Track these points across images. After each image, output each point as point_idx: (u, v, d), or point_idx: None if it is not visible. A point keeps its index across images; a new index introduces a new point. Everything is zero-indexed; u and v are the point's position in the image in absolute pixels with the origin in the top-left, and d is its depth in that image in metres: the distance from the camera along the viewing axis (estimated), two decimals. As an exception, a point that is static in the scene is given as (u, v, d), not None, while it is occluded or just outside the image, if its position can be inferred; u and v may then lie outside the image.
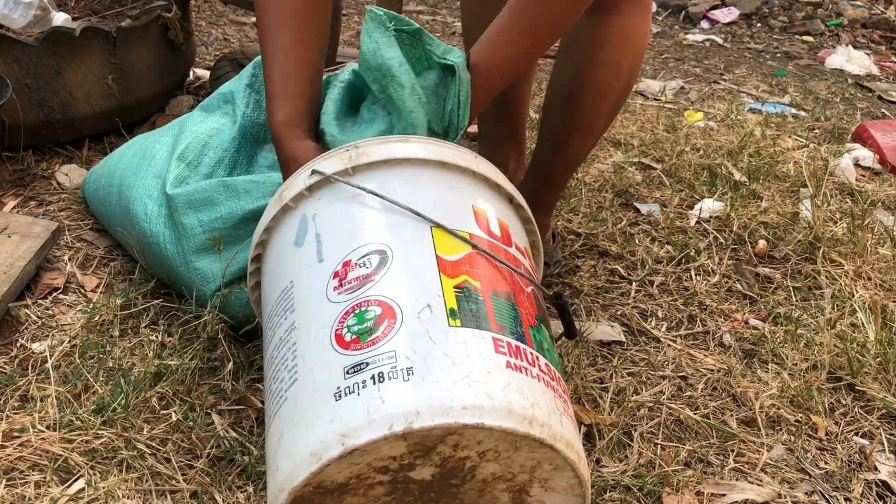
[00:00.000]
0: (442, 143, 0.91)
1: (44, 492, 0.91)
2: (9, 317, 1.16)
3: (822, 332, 1.27)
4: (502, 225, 0.88)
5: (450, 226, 0.83)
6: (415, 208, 0.83)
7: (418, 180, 0.87)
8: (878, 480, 1.05)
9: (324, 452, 0.69)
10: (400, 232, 0.82)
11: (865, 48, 3.19)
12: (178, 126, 1.29)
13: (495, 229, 0.87)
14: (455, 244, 0.82)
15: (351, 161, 0.87)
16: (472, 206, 0.87)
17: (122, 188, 1.26)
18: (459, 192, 0.88)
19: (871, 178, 1.91)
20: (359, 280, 0.79)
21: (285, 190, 0.91)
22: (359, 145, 0.89)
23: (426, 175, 0.88)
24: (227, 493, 0.92)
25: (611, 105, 1.22)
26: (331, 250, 0.83)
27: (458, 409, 0.68)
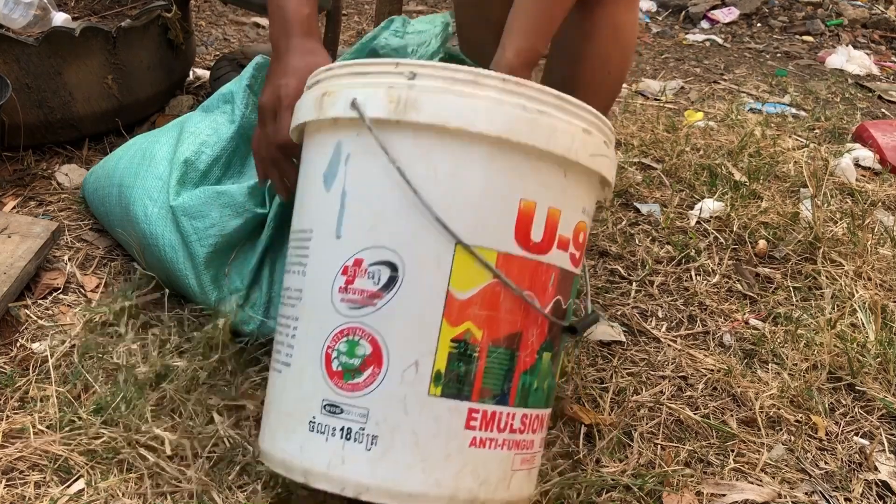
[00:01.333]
0: (519, 92, 0.77)
1: (44, 492, 0.91)
2: (9, 317, 1.16)
3: (822, 333, 1.27)
4: (550, 219, 0.80)
5: (479, 241, 0.76)
6: (446, 211, 0.75)
7: (469, 158, 0.76)
8: (879, 480, 1.05)
9: (290, 472, 0.81)
10: (420, 242, 0.76)
11: (865, 48, 3.19)
12: (178, 126, 1.29)
13: (537, 233, 0.79)
14: (475, 273, 0.76)
15: (398, 109, 0.76)
16: (519, 202, 0.78)
17: (122, 188, 1.26)
18: (512, 180, 0.77)
19: (871, 178, 1.91)
20: (363, 296, 0.77)
21: (326, 95, 0.81)
22: (415, 78, 0.77)
23: (479, 153, 0.76)
24: (227, 493, 0.92)
25: (603, 99, 1.21)
26: (350, 229, 0.79)
27: (404, 494, 0.75)
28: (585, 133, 0.79)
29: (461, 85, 0.76)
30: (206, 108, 1.29)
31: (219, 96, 1.29)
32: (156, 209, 1.18)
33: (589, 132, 0.80)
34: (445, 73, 0.76)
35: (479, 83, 0.76)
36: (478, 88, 0.76)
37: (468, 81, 0.76)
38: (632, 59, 1.25)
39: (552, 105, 0.78)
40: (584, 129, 0.79)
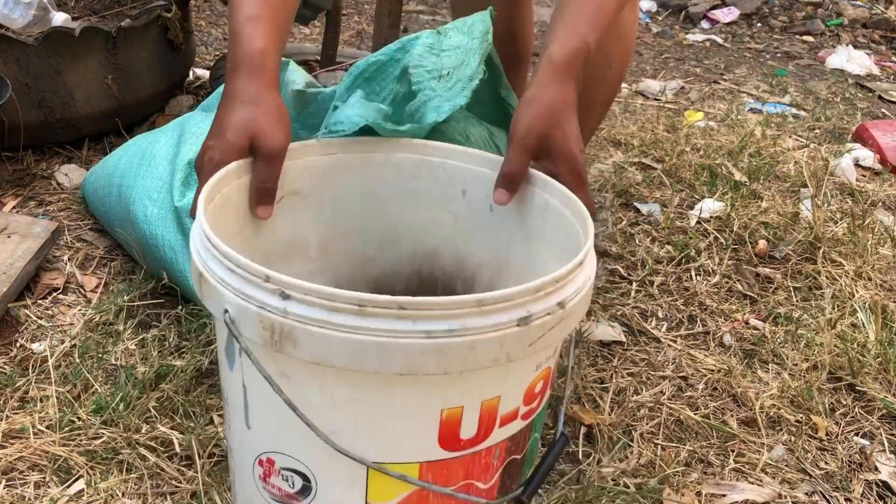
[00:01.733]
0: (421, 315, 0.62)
1: (43, 492, 0.91)
2: (9, 317, 1.16)
3: (822, 333, 1.27)
4: (486, 411, 0.69)
5: (395, 457, 0.68)
6: (350, 436, 0.66)
7: (368, 386, 0.65)
8: (879, 481, 1.05)
9: None
10: (329, 461, 0.68)
11: (866, 48, 3.18)
12: (178, 126, 1.29)
13: (468, 431, 0.69)
14: (395, 485, 0.69)
15: (273, 340, 0.63)
16: (441, 413, 0.67)
17: (122, 188, 1.26)
18: (427, 398, 0.67)
19: (871, 178, 1.91)
20: (282, 494, 0.72)
21: (203, 280, 0.68)
22: (288, 300, 0.62)
23: (380, 382, 0.65)
24: (228, 494, 0.92)
25: (604, 95, 1.20)
26: (257, 427, 0.71)
27: None
28: (522, 324, 0.64)
29: (344, 316, 0.61)
30: (207, 107, 1.29)
31: (219, 96, 1.28)
32: (155, 209, 1.18)
33: (529, 318, 0.64)
34: (324, 297, 0.61)
35: (365, 312, 0.61)
36: (365, 319, 0.61)
37: (353, 311, 0.61)
38: (632, 54, 1.24)
39: (470, 314, 0.62)
40: (520, 318, 0.64)
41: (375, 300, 0.61)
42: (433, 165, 0.92)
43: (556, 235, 0.84)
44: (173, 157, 1.22)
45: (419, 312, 0.61)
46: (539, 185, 0.86)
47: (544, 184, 0.85)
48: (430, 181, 0.93)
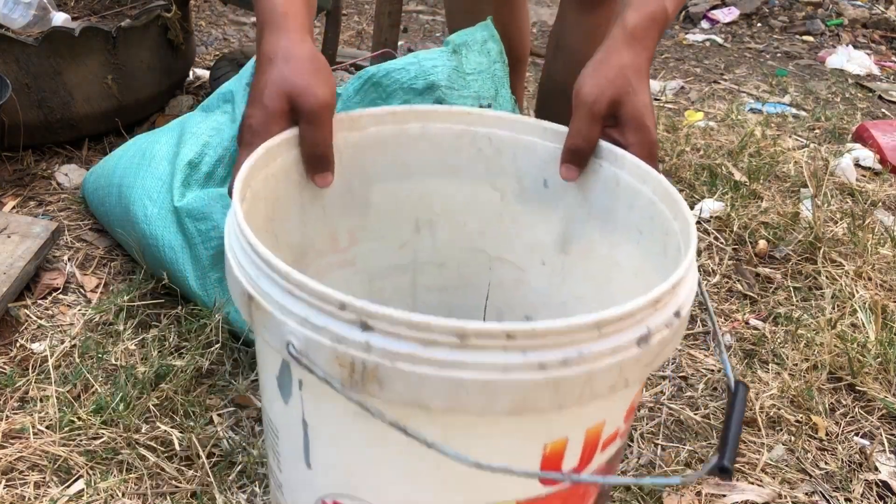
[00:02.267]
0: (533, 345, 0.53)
1: (43, 492, 0.91)
2: (8, 317, 1.16)
3: (822, 333, 1.27)
4: (590, 438, 0.62)
5: (492, 497, 0.60)
6: (442, 477, 0.58)
7: (465, 426, 0.57)
8: (879, 481, 1.05)
9: None
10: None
11: (866, 48, 3.18)
12: (178, 127, 1.29)
13: (570, 462, 0.62)
14: None
15: (354, 379, 0.54)
16: (544, 448, 0.60)
17: (122, 188, 1.26)
18: (531, 434, 0.59)
19: (871, 178, 1.91)
20: None
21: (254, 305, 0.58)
22: (371, 331, 0.52)
23: (480, 422, 0.56)
24: (227, 494, 0.92)
25: None
26: (321, 466, 0.63)
27: None
28: (641, 344, 0.56)
29: (442, 350, 0.51)
30: (207, 107, 1.29)
31: (219, 95, 1.28)
32: (155, 209, 1.18)
33: (648, 336, 0.56)
34: (416, 328, 0.51)
35: (467, 345, 0.51)
36: (466, 352, 0.51)
37: (452, 344, 0.51)
38: None
39: (588, 339, 0.54)
40: (639, 338, 0.56)
41: (479, 330, 0.51)
42: (477, 136, 0.82)
43: (629, 216, 0.75)
44: (173, 157, 1.22)
45: (530, 342, 0.52)
46: (607, 157, 0.76)
47: (614, 156, 0.75)
48: (474, 154, 0.82)
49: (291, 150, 0.74)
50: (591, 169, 0.78)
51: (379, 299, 0.88)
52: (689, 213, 0.67)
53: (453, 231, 0.87)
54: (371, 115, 0.80)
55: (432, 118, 0.82)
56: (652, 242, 0.70)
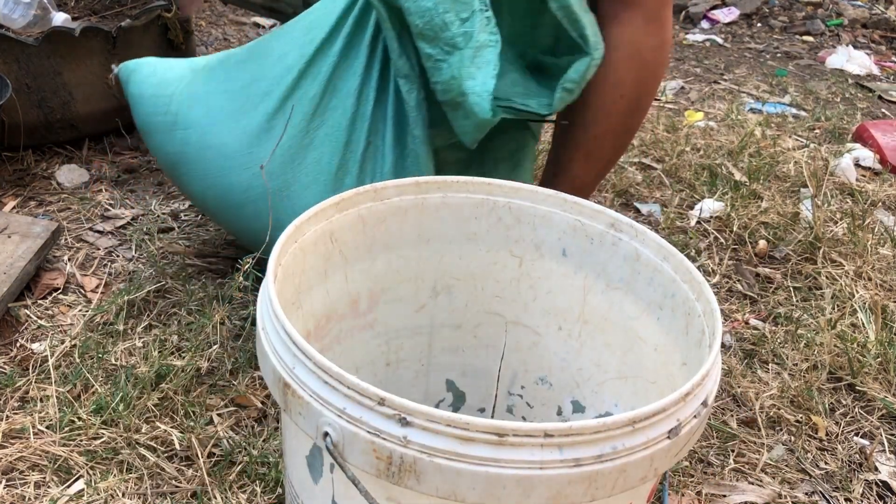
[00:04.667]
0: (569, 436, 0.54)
1: (43, 492, 0.91)
2: (9, 317, 1.16)
3: (822, 333, 1.27)
4: None
5: None
6: None
7: None
8: (879, 481, 1.05)
9: None
10: None
11: (866, 48, 3.18)
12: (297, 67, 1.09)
13: None
14: None
15: (390, 472, 0.55)
16: None
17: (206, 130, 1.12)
18: None
19: (871, 178, 1.91)
20: None
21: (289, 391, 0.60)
22: (409, 426, 0.54)
23: None
24: (227, 494, 0.92)
25: (616, 125, 1.10)
26: None
27: None
28: (672, 435, 0.57)
29: (479, 447, 0.53)
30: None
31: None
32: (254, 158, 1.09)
33: (678, 428, 0.58)
34: (455, 425, 0.53)
35: (504, 443, 0.53)
36: (504, 450, 0.53)
37: (490, 441, 0.53)
38: (656, 83, 1.10)
39: (622, 435, 0.55)
40: (670, 430, 0.58)
41: (518, 429, 0.53)
42: (496, 205, 0.85)
43: (648, 291, 0.78)
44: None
45: (567, 440, 0.54)
46: (627, 231, 0.79)
47: (634, 231, 0.78)
48: (493, 222, 0.86)
49: (320, 222, 0.77)
50: (611, 241, 0.80)
51: (395, 359, 0.90)
52: (712, 296, 0.68)
53: (470, 295, 0.90)
54: (395, 185, 0.83)
55: (453, 188, 0.85)
56: (673, 320, 0.72)
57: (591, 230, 0.82)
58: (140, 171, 1.63)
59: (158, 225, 1.43)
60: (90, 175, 1.57)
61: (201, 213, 1.50)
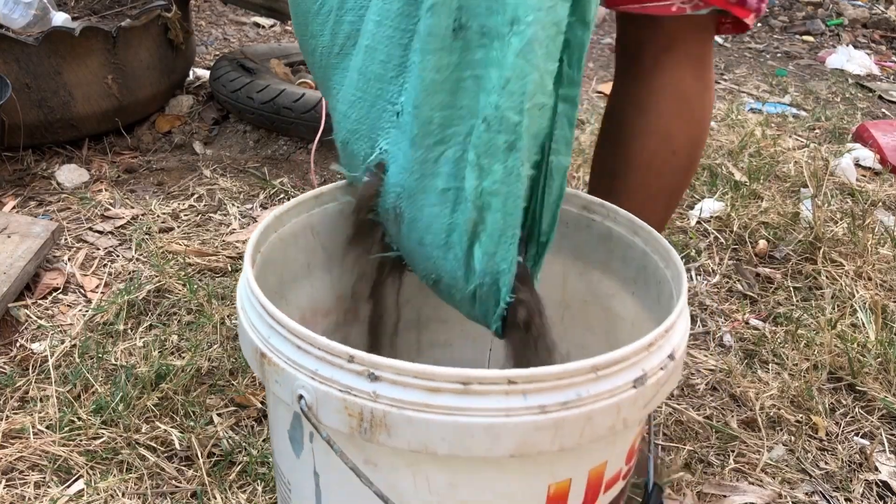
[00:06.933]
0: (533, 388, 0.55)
1: (43, 492, 0.91)
2: (9, 317, 1.16)
3: (822, 333, 1.27)
4: (593, 478, 0.63)
5: None
6: None
7: (471, 469, 0.59)
8: (879, 481, 1.05)
9: None
10: None
11: (866, 48, 3.18)
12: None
13: (575, 501, 0.63)
14: None
15: (362, 428, 0.56)
16: (548, 488, 0.61)
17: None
18: (534, 475, 0.60)
19: (871, 178, 1.91)
20: None
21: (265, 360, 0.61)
22: (377, 381, 0.55)
23: (485, 465, 0.58)
24: (227, 494, 0.92)
25: (668, 182, 0.96)
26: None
27: None
28: (637, 385, 0.58)
29: (446, 396, 0.54)
30: None
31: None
32: None
33: (644, 378, 0.59)
34: (421, 376, 0.54)
35: (470, 391, 0.54)
36: (470, 398, 0.54)
37: (456, 391, 0.54)
38: (706, 134, 0.99)
39: (585, 381, 0.56)
40: (635, 379, 0.58)
41: (482, 376, 0.54)
42: None
43: (622, 268, 0.78)
44: None
45: (531, 386, 0.55)
46: (598, 211, 0.78)
47: (605, 210, 0.77)
48: None
49: (300, 215, 0.77)
50: (585, 224, 0.80)
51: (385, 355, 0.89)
52: (679, 260, 0.69)
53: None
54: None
55: None
56: (646, 292, 0.72)
57: (566, 214, 0.81)
58: (140, 171, 1.63)
59: (158, 225, 1.43)
60: (90, 175, 1.57)
61: (200, 214, 1.50)
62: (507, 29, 0.61)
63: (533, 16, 0.60)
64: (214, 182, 1.61)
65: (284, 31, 2.76)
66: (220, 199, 1.54)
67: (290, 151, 1.74)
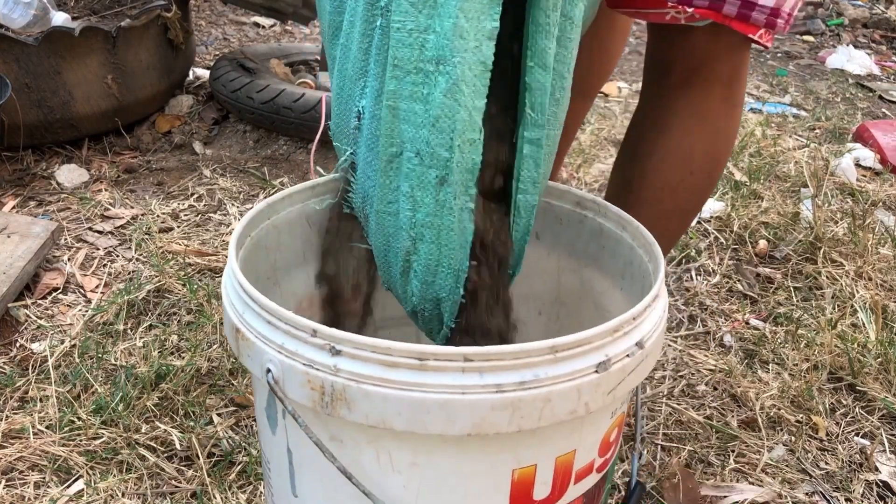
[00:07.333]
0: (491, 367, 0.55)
1: (43, 492, 0.91)
2: (8, 317, 1.16)
3: (822, 333, 1.27)
4: (561, 467, 0.63)
5: None
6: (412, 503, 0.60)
7: (432, 448, 0.58)
8: (879, 481, 1.05)
9: None
10: None
11: (866, 48, 3.18)
12: None
13: (542, 491, 0.63)
14: None
15: (324, 401, 0.57)
16: (512, 474, 0.61)
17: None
18: (498, 458, 0.60)
19: (871, 178, 1.91)
20: None
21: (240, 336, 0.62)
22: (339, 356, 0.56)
23: (445, 444, 0.58)
24: (227, 494, 0.92)
25: (684, 201, 0.95)
26: (307, 495, 0.65)
27: None
28: (600, 369, 0.58)
29: (403, 371, 0.54)
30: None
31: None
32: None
33: (608, 363, 0.58)
34: (379, 351, 0.55)
35: (426, 367, 0.54)
36: (426, 374, 0.54)
37: (412, 366, 0.54)
38: (728, 153, 0.96)
39: (544, 362, 0.56)
40: (598, 364, 0.58)
41: (437, 352, 0.54)
42: None
43: (612, 263, 0.78)
44: None
45: (487, 364, 0.54)
46: (591, 207, 0.79)
47: (597, 206, 0.78)
48: None
49: (295, 204, 0.78)
50: (577, 220, 0.81)
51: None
52: (659, 251, 0.69)
53: None
54: None
55: None
56: (632, 287, 0.72)
57: (559, 211, 0.82)
58: (140, 171, 1.63)
59: (158, 225, 1.43)
60: (90, 175, 1.57)
61: (200, 214, 1.50)
62: (434, 67, 0.62)
63: (459, 56, 0.61)
64: (214, 182, 1.61)
65: (284, 31, 2.76)
66: (220, 199, 1.54)
67: (290, 151, 1.74)
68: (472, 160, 0.64)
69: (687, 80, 0.90)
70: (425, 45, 0.62)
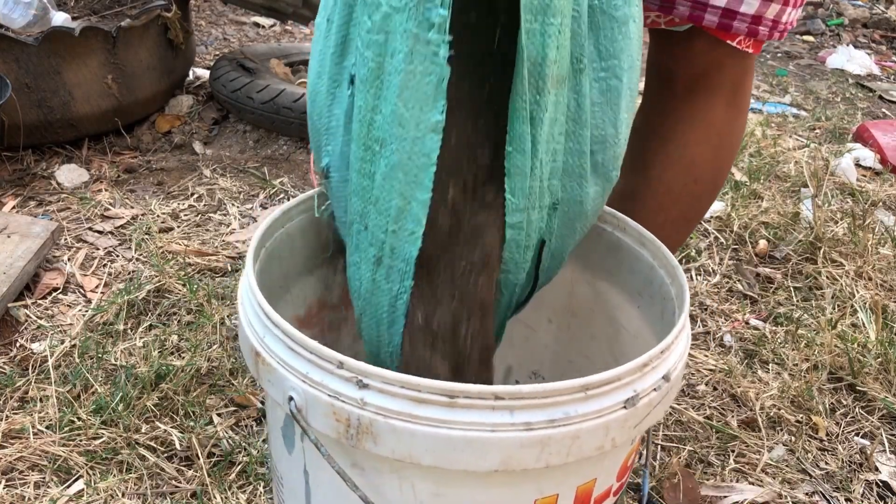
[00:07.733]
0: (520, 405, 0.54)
1: (43, 492, 0.91)
2: (8, 317, 1.16)
3: (822, 333, 1.27)
4: (581, 496, 0.63)
5: None
6: None
7: (456, 481, 0.58)
8: (879, 481, 1.05)
9: None
10: None
11: (866, 48, 3.18)
12: None
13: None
14: None
15: (349, 434, 0.56)
16: (534, 503, 0.61)
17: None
18: (520, 489, 0.60)
19: (871, 178, 1.91)
20: None
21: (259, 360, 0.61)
22: (366, 389, 0.55)
23: (470, 478, 0.58)
24: (227, 493, 0.92)
25: (686, 211, 0.95)
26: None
27: None
28: (628, 405, 0.57)
29: (432, 408, 0.54)
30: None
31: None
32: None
33: (635, 398, 0.57)
34: (408, 387, 0.54)
35: (456, 404, 0.54)
36: (456, 411, 0.54)
37: (442, 403, 0.54)
38: (732, 160, 0.96)
39: (574, 401, 0.55)
40: (626, 400, 0.57)
41: (468, 390, 0.53)
42: None
43: (629, 279, 0.78)
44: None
45: (517, 403, 0.54)
46: (609, 221, 0.78)
47: (616, 220, 0.77)
48: None
49: (308, 211, 0.77)
50: (595, 233, 0.80)
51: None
52: (683, 278, 0.69)
53: None
54: None
55: None
56: (651, 306, 0.72)
57: None
58: (140, 170, 1.63)
59: (158, 225, 1.43)
60: (90, 175, 1.57)
61: (200, 214, 1.50)
62: (378, 148, 0.62)
63: (397, 144, 0.60)
64: (214, 182, 1.61)
65: (284, 31, 2.76)
66: (220, 199, 1.54)
67: (290, 151, 1.74)
68: (408, 251, 0.63)
69: (691, 87, 0.89)
70: (372, 124, 0.62)
